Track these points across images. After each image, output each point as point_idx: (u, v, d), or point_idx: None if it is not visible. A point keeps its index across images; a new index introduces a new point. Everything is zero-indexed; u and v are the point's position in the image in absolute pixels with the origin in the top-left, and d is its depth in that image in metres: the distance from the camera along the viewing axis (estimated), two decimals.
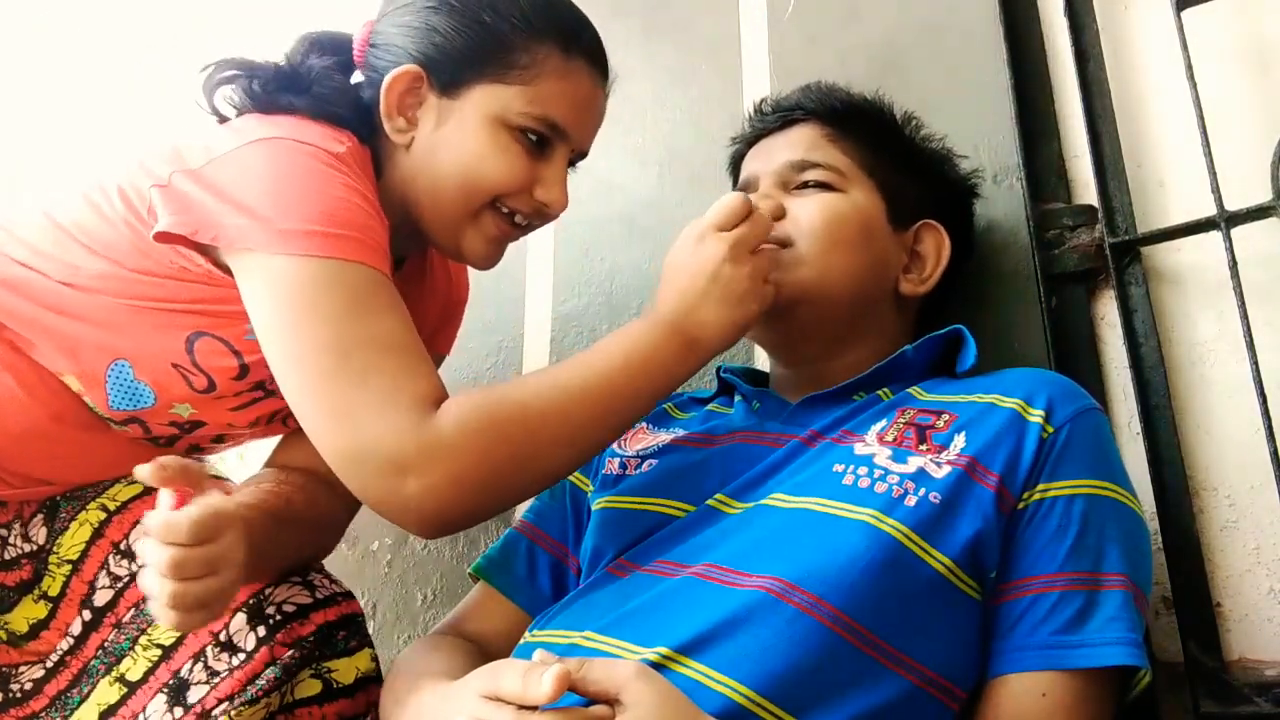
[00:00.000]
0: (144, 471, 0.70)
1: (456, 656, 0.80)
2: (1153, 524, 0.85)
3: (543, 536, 0.93)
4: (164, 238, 0.79)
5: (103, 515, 0.93)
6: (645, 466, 0.88)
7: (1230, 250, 0.87)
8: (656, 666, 0.63)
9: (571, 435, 0.76)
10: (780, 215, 0.86)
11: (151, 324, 0.86)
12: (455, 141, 0.87)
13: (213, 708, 0.80)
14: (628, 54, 1.40)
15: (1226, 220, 0.88)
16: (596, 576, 0.79)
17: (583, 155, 0.95)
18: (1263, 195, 0.87)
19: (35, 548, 0.94)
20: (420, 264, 1.05)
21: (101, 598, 0.90)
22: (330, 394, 0.74)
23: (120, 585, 0.90)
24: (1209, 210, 0.90)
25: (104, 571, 0.91)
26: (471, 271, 1.14)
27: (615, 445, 0.93)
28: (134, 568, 0.90)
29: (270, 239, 0.76)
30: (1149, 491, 0.88)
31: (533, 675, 0.55)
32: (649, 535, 0.79)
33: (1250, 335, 0.85)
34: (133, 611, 0.89)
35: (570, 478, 0.96)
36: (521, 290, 1.39)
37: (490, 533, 1.28)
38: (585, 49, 0.89)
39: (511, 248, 0.97)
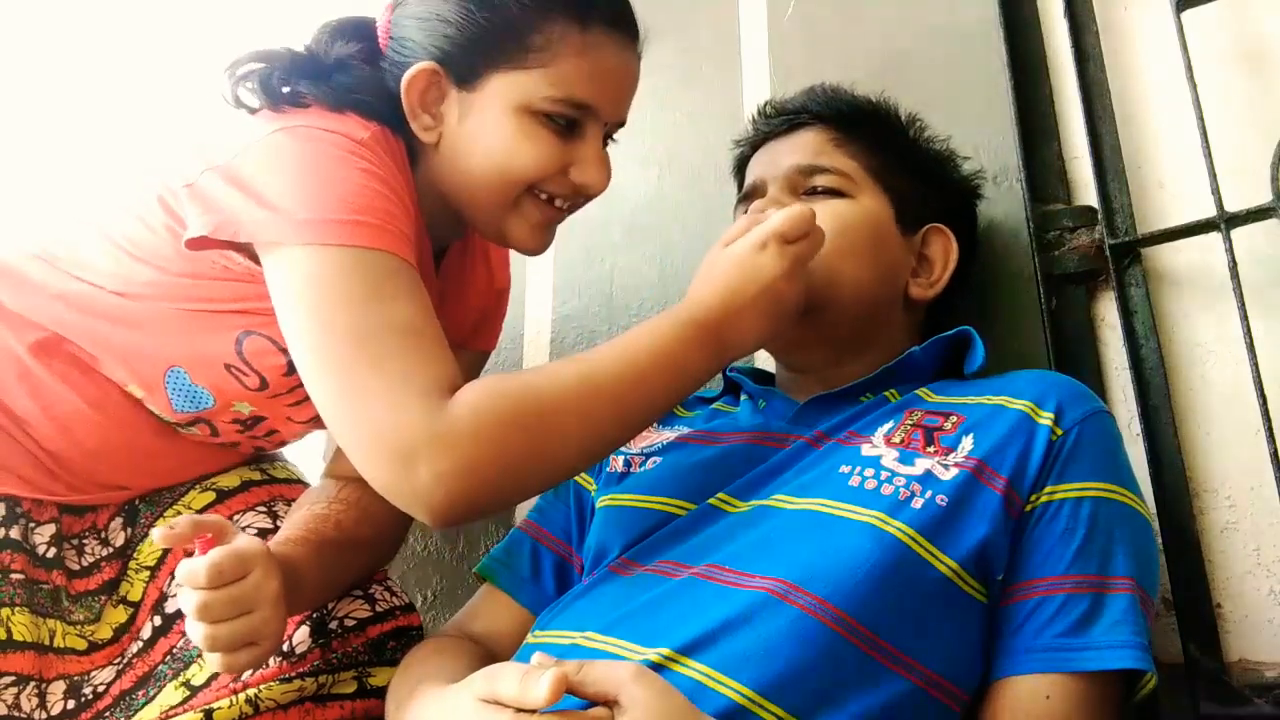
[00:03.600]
0: (158, 535, 0.73)
1: (460, 658, 0.80)
2: (1153, 525, 0.85)
3: (547, 535, 0.93)
4: (194, 244, 0.80)
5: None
6: (650, 464, 0.88)
7: (1230, 251, 0.87)
8: (658, 667, 0.63)
9: (590, 430, 0.73)
10: None
11: (201, 327, 0.87)
12: (481, 135, 0.84)
13: (254, 684, 0.82)
14: None
15: (1226, 221, 0.88)
16: (598, 576, 0.79)
17: (620, 125, 0.90)
18: (1263, 196, 0.88)
19: (113, 550, 0.95)
20: (463, 252, 1.03)
21: (173, 605, 0.91)
22: (344, 381, 0.72)
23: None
24: (1209, 211, 0.90)
25: (176, 579, 0.91)
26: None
27: None
28: None
29: (290, 231, 0.75)
30: (1149, 492, 0.88)
31: (531, 679, 0.54)
32: (652, 533, 0.79)
33: (1250, 336, 0.85)
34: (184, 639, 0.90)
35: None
36: (522, 291, 1.39)
37: (491, 534, 1.28)
38: (603, 16, 0.84)
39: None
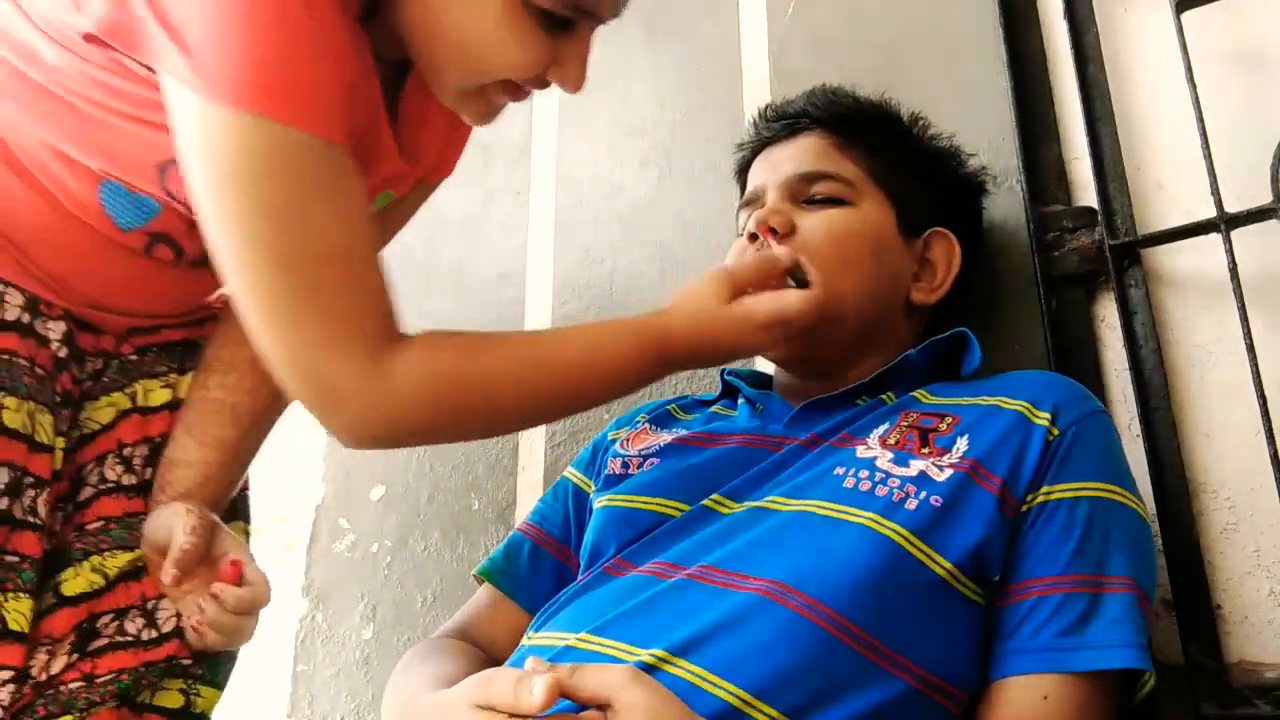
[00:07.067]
0: (168, 580, 0.80)
1: (458, 660, 0.80)
2: (1153, 526, 0.85)
3: (546, 538, 0.94)
4: (88, 37, 0.69)
5: (129, 404, 0.92)
6: (647, 465, 0.88)
7: (1230, 252, 0.87)
8: (651, 668, 0.63)
9: (520, 414, 0.78)
10: (790, 231, 0.85)
11: (120, 136, 0.76)
12: (466, 14, 0.72)
13: (102, 674, 0.83)
14: (628, 55, 1.41)
15: (1226, 222, 0.88)
16: (593, 577, 0.79)
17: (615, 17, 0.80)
18: (1263, 197, 0.88)
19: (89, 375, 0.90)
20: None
21: (83, 492, 0.88)
22: (271, 303, 0.68)
23: (103, 489, 0.88)
24: (1209, 212, 0.90)
25: (98, 467, 0.89)
26: (475, 278, 1.12)
27: (618, 445, 0.93)
28: (125, 480, 0.89)
29: (194, 75, 0.64)
30: (1149, 493, 0.88)
31: (524, 684, 0.54)
32: (648, 534, 0.79)
33: (1250, 337, 0.85)
34: (100, 524, 0.87)
35: (573, 478, 0.96)
36: (521, 292, 1.39)
37: (491, 535, 1.28)
38: None
39: (511, 249, 0.96)
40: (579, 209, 1.40)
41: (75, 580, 0.84)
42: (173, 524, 0.83)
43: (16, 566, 0.77)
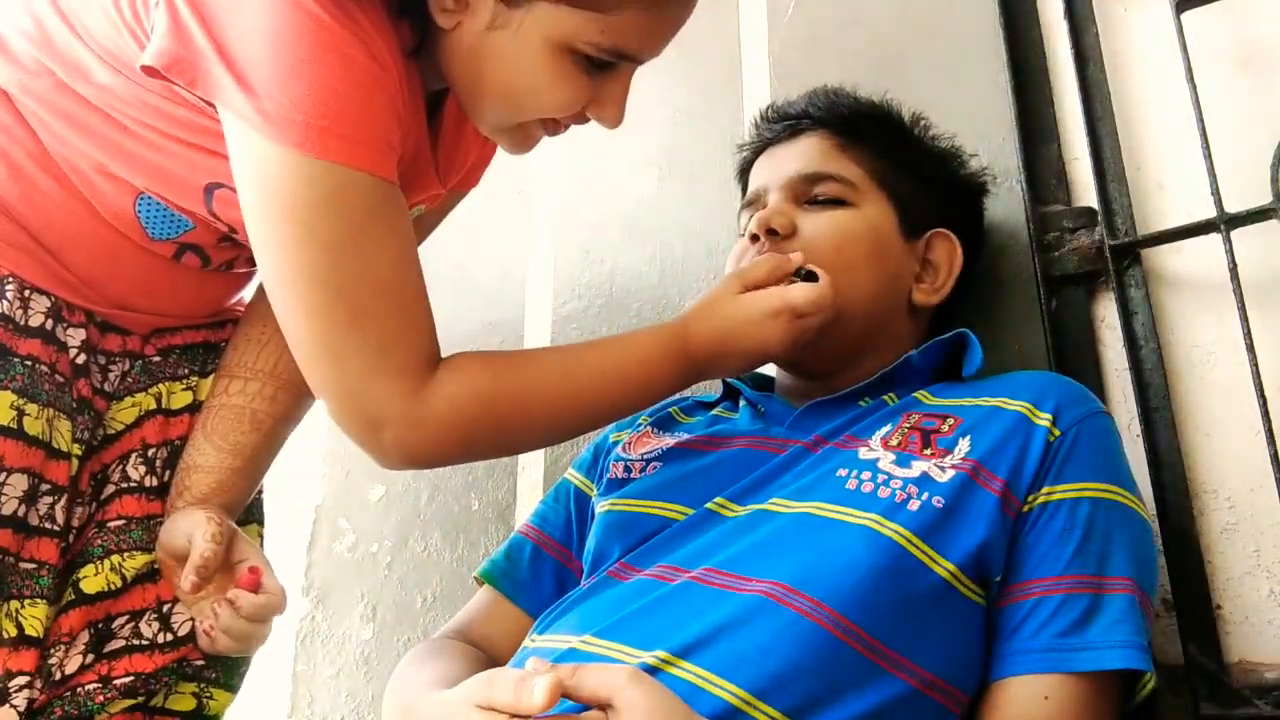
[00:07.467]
0: (188, 586, 0.81)
1: (459, 661, 0.80)
2: (1153, 526, 0.85)
3: (547, 540, 0.93)
4: (147, 70, 0.70)
5: (153, 405, 0.93)
6: (650, 469, 0.88)
7: (1230, 253, 0.87)
8: (653, 670, 0.63)
9: (553, 428, 0.80)
10: (792, 232, 0.85)
11: (168, 157, 0.79)
12: (508, 56, 0.73)
13: (119, 676, 0.83)
14: None
15: (1226, 223, 0.88)
16: (596, 580, 0.79)
17: (654, 57, 0.81)
18: (1263, 198, 0.88)
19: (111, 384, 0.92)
20: None
21: (105, 490, 0.89)
22: (319, 332, 0.71)
23: (125, 487, 0.90)
24: (1209, 213, 0.90)
25: (121, 465, 0.90)
26: (476, 278, 1.13)
27: (620, 449, 0.93)
28: (147, 481, 0.91)
29: (259, 117, 0.67)
30: (1149, 494, 0.88)
31: (526, 684, 0.54)
32: (651, 538, 0.79)
33: (1250, 338, 0.85)
34: (121, 522, 0.88)
35: (574, 481, 0.96)
36: (522, 292, 1.39)
37: (492, 536, 1.28)
38: None
39: (511, 249, 0.97)
40: (579, 209, 1.40)
41: (95, 578, 0.85)
42: (193, 531, 0.83)
43: (34, 573, 0.79)
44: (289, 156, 0.67)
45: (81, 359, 0.86)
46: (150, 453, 0.91)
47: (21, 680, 0.76)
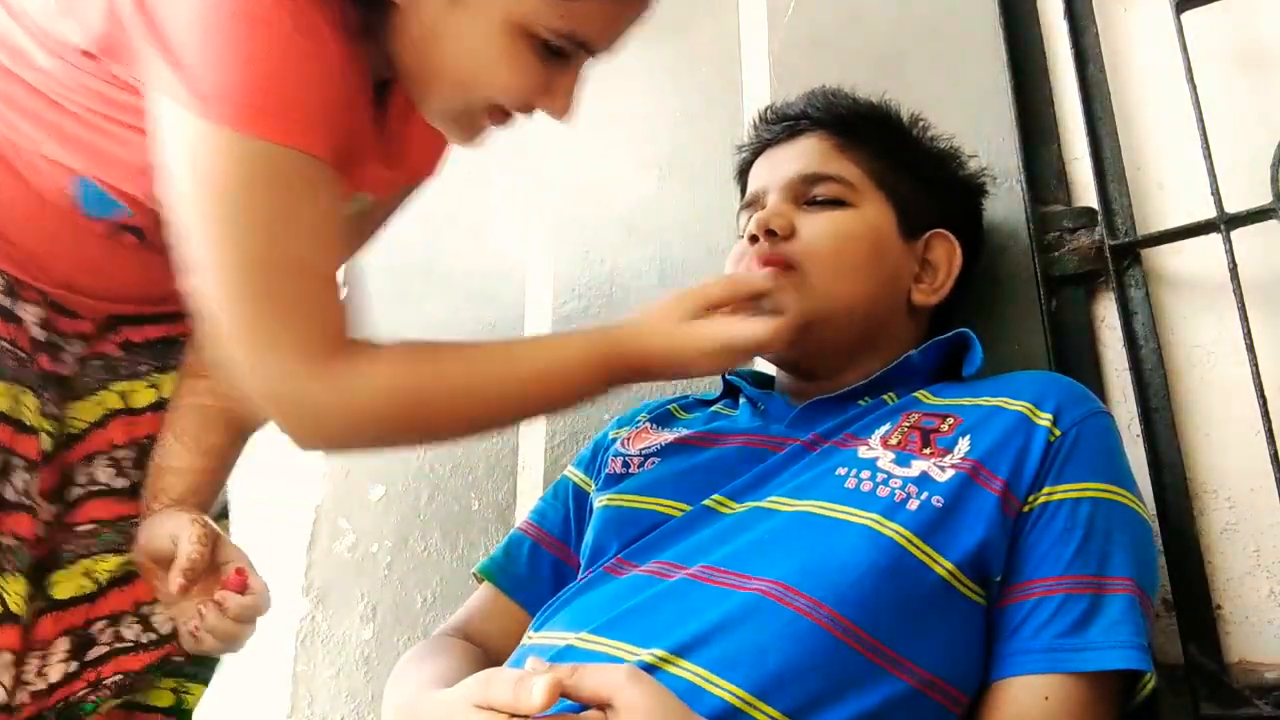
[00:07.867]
0: (175, 589, 0.81)
1: (458, 659, 0.80)
2: (1153, 526, 0.85)
3: (545, 537, 0.94)
4: (85, 54, 0.71)
5: (119, 404, 0.93)
6: (648, 465, 0.88)
7: (1230, 253, 0.87)
8: (652, 668, 0.63)
9: (472, 425, 0.83)
10: (791, 233, 0.85)
11: (106, 141, 0.78)
12: (465, 35, 0.72)
13: (108, 679, 0.84)
14: (627, 55, 1.40)
15: (1226, 223, 0.88)
16: (593, 576, 0.79)
17: (609, 52, 0.81)
18: (1263, 198, 0.88)
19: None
20: None
21: (71, 492, 0.88)
22: (234, 308, 0.71)
23: (94, 490, 0.89)
24: (1209, 213, 0.90)
25: (87, 467, 0.90)
26: (475, 278, 1.13)
27: (619, 444, 0.93)
28: (116, 483, 0.90)
29: (190, 95, 0.67)
30: (1149, 493, 0.88)
31: (525, 684, 0.54)
32: (648, 534, 0.79)
33: (1250, 338, 0.85)
34: (91, 526, 0.88)
35: (574, 478, 0.97)
36: (521, 292, 1.40)
37: (491, 534, 1.28)
38: None
39: (511, 249, 0.96)
40: (579, 209, 1.40)
41: (66, 583, 0.84)
42: (178, 533, 0.83)
43: (12, 548, 0.78)
44: (218, 133, 0.67)
45: (42, 336, 0.86)
46: (118, 454, 0.91)
47: (8, 657, 0.76)
